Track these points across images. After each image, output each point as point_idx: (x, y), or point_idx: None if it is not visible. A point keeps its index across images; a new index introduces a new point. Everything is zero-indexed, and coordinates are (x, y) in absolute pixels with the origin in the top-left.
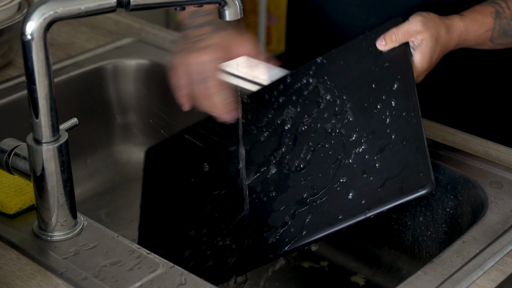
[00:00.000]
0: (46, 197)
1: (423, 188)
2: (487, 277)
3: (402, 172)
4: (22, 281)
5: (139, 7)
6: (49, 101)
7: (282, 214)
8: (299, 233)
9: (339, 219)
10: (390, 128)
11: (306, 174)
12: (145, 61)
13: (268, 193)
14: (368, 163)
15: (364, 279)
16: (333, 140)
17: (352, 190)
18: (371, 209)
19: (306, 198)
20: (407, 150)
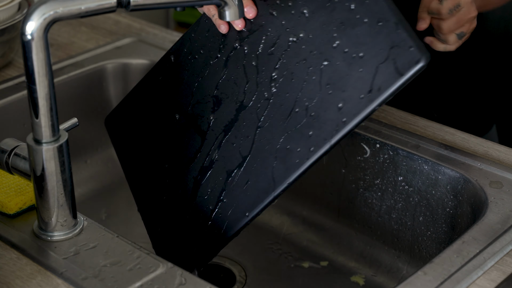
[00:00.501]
0: (46, 197)
1: (419, 62)
2: (487, 277)
3: (391, 53)
4: (22, 281)
5: (139, 7)
6: (49, 101)
7: (281, 139)
8: (307, 151)
9: (343, 122)
10: (358, 13)
11: (291, 88)
12: (145, 61)
13: (250, 129)
14: (351, 56)
15: (364, 279)
16: (303, 45)
17: (346, 89)
18: (374, 99)
19: (300, 113)
20: (386, 30)
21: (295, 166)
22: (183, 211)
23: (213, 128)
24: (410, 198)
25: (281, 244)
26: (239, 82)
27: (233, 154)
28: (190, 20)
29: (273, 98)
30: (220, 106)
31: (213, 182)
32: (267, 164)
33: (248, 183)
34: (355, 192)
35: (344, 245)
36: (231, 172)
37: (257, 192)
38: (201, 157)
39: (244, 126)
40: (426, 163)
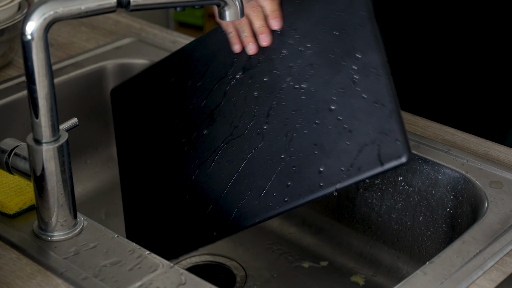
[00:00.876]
0: (46, 197)
1: (400, 157)
2: (487, 277)
3: (378, 139)
4: (22, 281)
5: (139, 7)
6: (49, 101)
7: (261, 177)
8: (282, 199)
9: (320, 185)
10: (359, 86)
11: (282, 132)
12: (145, 61)
13: (237, 156)
14: (343, 126)
15: (364, 279)
16: (303, 96)
17: (330, 154)
18: (351, 176)
19: (285, 161)
20: (380, 113)
21: (267, 208)
22: (167, 206)
23: (204, 141)
24: (410, 198)
25: (281, 244)
26: (238, 106)
27: (218, 176)
28: (190, 20)
29: (265, 135)
30: (215, 123)
31: (195, 191)
32: (244, 195)
33: (222, 207)
34: (355, 192)
35: (344, 245)
36: (210, 191)
37: (227, 218)
38: (189, 165)
39: (233, 151)
40: (426, 163)
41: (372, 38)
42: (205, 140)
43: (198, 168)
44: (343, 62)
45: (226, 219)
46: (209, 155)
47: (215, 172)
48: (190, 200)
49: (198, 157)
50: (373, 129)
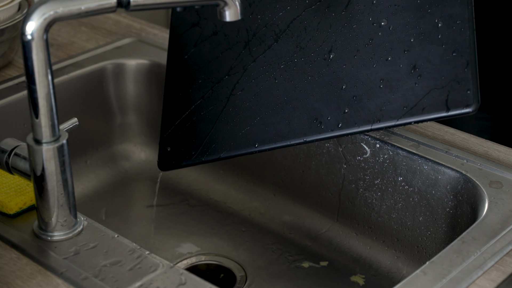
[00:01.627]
0: (46, 197)
1: (468, 107)
2: (487, 277)
3: (449, 85)
4: (22, 281)
5: (139, 7)
6: (49, 101)
7: (319, 100)
8: (335, 124)
9: (378, 119)
10: (441, 34)
11: (350, 62)
12: (145, 61)
13: (297, 76)
14: (416, 67)
15: (364, 279)
16: (380, 32)
17: (395, 91)
18: (413, 115)
19: (346, 90)
20: (457, 63)
21: (318, 130)
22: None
23: (265, 56)
24: (410, 198)
25: (281, 244)
26: (309, 30)
27: (270, 89)
28: None
29: (331, 61)
30: (280, 41)
31: (242, 101)
32: (295, 113)
33: (271, 120)
34: (355, 192)
35: (344, 245)
36: (261, 103)
37: (274, 132)
38: (243, 74)
39: (294, 71)
40: (426, 163)
41: None
42: (267, 56)
43: (252, 80)
44: (429, 9)
45: (272, 132)
46: (268, 70)
47: (271, 87)
48: (236, 109)
49: (254, 70)
50: (446, 76)
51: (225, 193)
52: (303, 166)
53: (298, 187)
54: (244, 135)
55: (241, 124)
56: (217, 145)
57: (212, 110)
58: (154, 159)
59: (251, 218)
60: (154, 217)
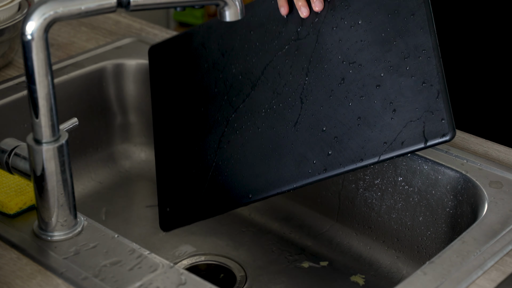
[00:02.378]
0: (46, 197)
1: (445, 135)
2: (487, 277)
3: (423, 116)
4: (22, 281)
5: (139, 7)
6: (49, 101)
7: (302, 145)
8: (321, 167)
9: (361, 158)
10: (409, 65)
11: (326, 103)
12: (145, 61)
13: (278, 123)
14: (389, 102)
15: (364, 279)
16: (351, 70)
17: (373, 128)
18: (394, 150)
19: (327, 131)
20: (428, 93)
21: (306, 175)
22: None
23: (244, 106)
24: (410, 198)
25: (281, 244)
26: (283, 75)
27: (255, 139)
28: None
29: (308, 104)
30: (257, 89)
31: (229, 154)
32: (282, 161)
33: (260, 170)
34: (355, 192)
35: (344, 245)
36: (248, 154)
37: (264, 181)
38: (227, 127)
39: (274, 117)
40: (426, 163)
41: (425, 22)
42: (246, 105)
43: (236, 132)
44: (394, 42)
45: (263, 182)
46: (249, 119)
47: (256, 136)
48: (226, 163)
49: (237, 121)
50: (419, 107)
51: None
52: None
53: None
54: (238, 188)
55: (233, 177)
56: (214, 200)
57: (202, 166)
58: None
59: (251, 218)
60: (154, 217)
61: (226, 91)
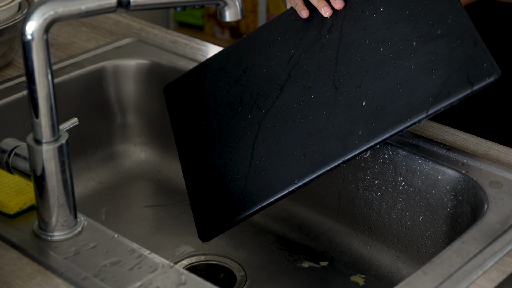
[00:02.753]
0: (46, 197)
1: (490, 76)
2: (487, 277)
3: (465, 65)
4: (22, 281)
5: (139, 7)
6: (49, 101)
7: (343, 123)
8: (368, 136)
9: (408, 117)
10: (440, 29)
11: (362, 86)
12: (145, 61)
13: (314, 111)
14: (427, 63)
15: (364, 279)
16: (381, 48)
17: (416, 88)
18: (441, 101)
19: (367, 104)
20: (465, 46)
21: (353, 146)
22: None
23: (275, 106)
24: (410, 198)
25: (281, 244)
26: (311, 71)
27: (291, 131)
28: (190, 20)
29: (342, 88)
30: (286, 89)
31: (266, 151)
32: (324, 141)
33: (302, 155)
34: (355, 192)
35: (344, 245)
36: (287, 145)
37: (309, 164)
38: (259, 129)
39: (309, 108)
40: (426, 163)
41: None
42: (277, 106)
43: (270, 131)
44: (421, 15)
45: (307, 165)
46: (283, 116)
47: (292, 128)
48: (263, 160)
49: (269, 121)
50: (458, 59)
51: None
52: None
53: None
54: (279, 178)
55: (273, 170)
56: (255, 197)
57: (238, 170)
58: (154, 159)
59: (251, 218)
60: (154, 217)
61: (253, 100)
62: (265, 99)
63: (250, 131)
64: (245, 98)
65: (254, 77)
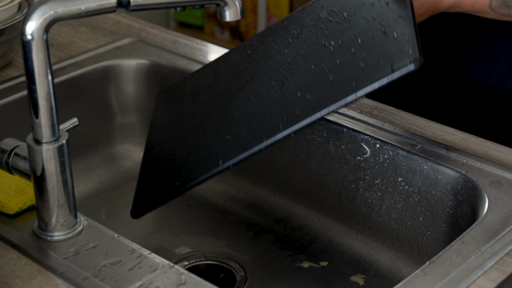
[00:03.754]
0: (46, 197)
1: (411, 63)
2: (487, 277)
3: (390, 55)
4: (22, 281)
5: (139, 7)
6: (49, 101)
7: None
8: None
9: (332, 99)
10: (376, 22)
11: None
12: (145, 61)
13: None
14: (350, 46)
15: (364, 279)
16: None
17: (342, 72)
18: (362, 88)
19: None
20: (395, 29)
21: (294, 117)
22: None
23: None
24: (410, 198)
25: (281, 244)
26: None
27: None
28: (190, 20)
29: (299, 65)
30: (244, 89)
31: (216, 127)
32: (268, 114)
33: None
34: (355, 192)
35: (344, 245)
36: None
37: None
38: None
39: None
40: (426, 163)
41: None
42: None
43: (220, 113)
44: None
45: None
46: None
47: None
48: (212, 133)
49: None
50: (386, 50)
51: (225, 193)
52: (303, 166)
53: (298, 187)
54: (224, 150)
55: (219, 142)
56: (185, 178)
57: (180, 151)
58: None
59: (251, 218)
60: (154, 217)
61: (214, 103)
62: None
63: (200, 121)
64: (207, 100)
65: (220, 80)
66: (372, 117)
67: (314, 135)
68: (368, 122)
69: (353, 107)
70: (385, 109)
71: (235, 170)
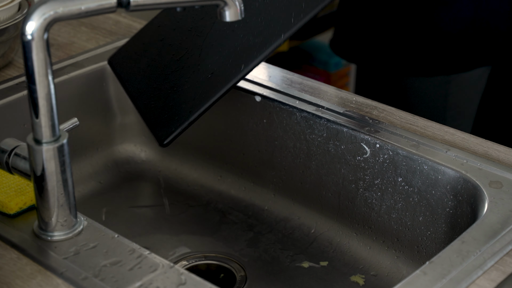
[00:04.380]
0: (46, 197)
1: None
2: (487, 277)
3: None
4: (22, 281)
5: (139, 7)
6: (49, 101)
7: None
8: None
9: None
10: None
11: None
12: None
13: None
14: None
15: (364, 279)
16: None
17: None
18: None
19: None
20: None
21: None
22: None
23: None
24: (410, 198)
25: (281, 244)
26: None
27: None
28: None
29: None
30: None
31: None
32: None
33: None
34: (355, 192)
35: (344, 245)
36: None
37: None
38: None
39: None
40: (426, 163)
41: None
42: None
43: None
44: None
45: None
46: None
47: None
48: None
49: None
50: None
51: (225, 193)
52: (303, 166)
53: (298, 187)
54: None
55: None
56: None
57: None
58: (154, 159)
59: (251, 218)
60: (154, 217)
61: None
62: None
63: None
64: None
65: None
66: (372, 117)
67: (314, 135)
68: (368, 122)
69: (353, 107)
70: (385, 109)
71: (235, 170)
